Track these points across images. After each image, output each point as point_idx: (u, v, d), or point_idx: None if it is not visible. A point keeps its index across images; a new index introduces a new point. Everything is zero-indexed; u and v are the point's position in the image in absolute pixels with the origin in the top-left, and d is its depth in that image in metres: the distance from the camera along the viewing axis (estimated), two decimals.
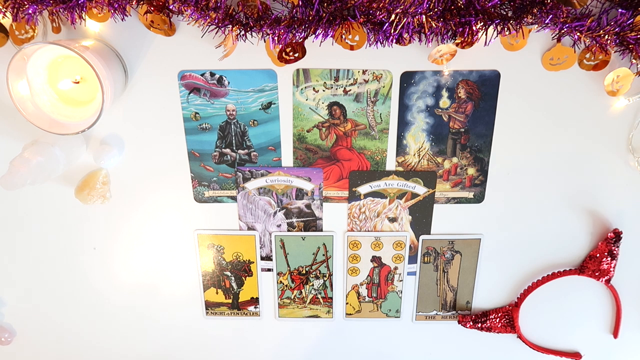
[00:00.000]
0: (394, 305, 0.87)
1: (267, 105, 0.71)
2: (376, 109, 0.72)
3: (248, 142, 0.74)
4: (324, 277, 0.84)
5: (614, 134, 0.72)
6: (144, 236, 0.81)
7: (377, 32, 0.60)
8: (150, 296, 0.86)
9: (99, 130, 0.73)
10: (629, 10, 0.58)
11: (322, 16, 0.59)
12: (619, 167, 0.74)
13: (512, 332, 0.86)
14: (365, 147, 0.74)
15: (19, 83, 0.64)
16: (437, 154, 0.75)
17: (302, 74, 0.69)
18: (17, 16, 0.62)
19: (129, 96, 0.71)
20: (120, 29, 0.67)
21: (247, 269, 0.84)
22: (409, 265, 0.83)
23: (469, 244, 0.81)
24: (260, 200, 0.78)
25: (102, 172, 0.74)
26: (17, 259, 0.84)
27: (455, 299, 0.86)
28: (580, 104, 0.70)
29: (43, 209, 0.79)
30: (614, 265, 0.79)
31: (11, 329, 0.90)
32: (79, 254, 0.83)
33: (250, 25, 0.60)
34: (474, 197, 0.77)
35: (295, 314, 0.88)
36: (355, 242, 0.81)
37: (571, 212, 0.78)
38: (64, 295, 0.87)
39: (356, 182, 0.77)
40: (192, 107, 0.72)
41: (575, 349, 0.90)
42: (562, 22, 0.59)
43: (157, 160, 0.75)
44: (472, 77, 0.69)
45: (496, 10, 0.58)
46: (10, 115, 0.70)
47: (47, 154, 0.67)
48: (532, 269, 0.83)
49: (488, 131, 0.73)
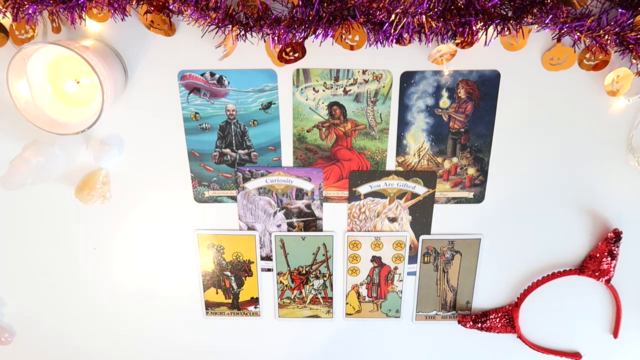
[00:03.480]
0: (394, 305, 0.87)
1: (267, 105, 0.71)
2: (376, 109, 0.72)
3: (248, 142, 0.74)
4: (324, 277, 0.84)
5: (614, 134, 0.72)
6: (143, 236, 0.81)
7: (377, 32, 0.60)
8: (150, 296, 0.86)
9: (99, 130, 0.73)
10: (629, 10, 0.58)
11: (322, 16, 0.59)
12: (619, 167, 0.74)
13: (512, 332, 0.86)
14: (365, 147, 0.74)
15: (19, 83, 0.64)
16: (437, 154, 0.75)
17: (302, 74, 0.69)
18: (17, 16, 0.62)
19: (129, 96, 0.71)
20: (120, 29, 0.66)
21: (247, 269, 0.84)
22: (409, 265, 0.83)
23: (469, 244, 0.81)
24: (260, 200, 0.78)
25: (102, 172, 0.74)
26: (17, 259, 0.84)
27: (455, 299, 0.86)
28: (580, 104, 0.70)
29: (43, 209, 0.79)
30: (614, 265, 0.79)
31: (11, 329, 0.90)
32: (79, 254, 0.83)
33: (250, 25, 0.60)
34: (474, 197, 0.77)
35: (295, 314, 0.88)
36: (355, 242, 0.81)
37: (571, 212, 0.78)
38: (64, 295, 0.87)
39: (356, 182, 0.77)
40: (192, 107, 0.72)
41: (575, 349, 0.90)
42: (562, 22, 0.59)
43: (157, 160, 0.75)
44: (472, 77, 0.69)
45: (496, 10, 0.58)
46: (10, 115, 0.70)
47: (47, 154, 0.67)
48: (532, 269, 0.83)
49: (488, 131, 0.73)
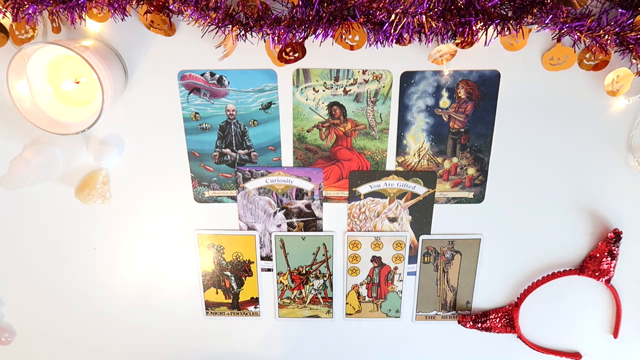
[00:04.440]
0: (394, 305, 0.87)
1: (267, 105, 0.71)
2: (376, 109, 0.72)
3: (248, 142, 0.74)
4: (324, 277, 0.84)
5: (614, 134, 0.72)
6: (144, 236, 0.81)
7: (377, 32, 0.60)
8: (150, 296, 0.86)
9: (99, 130, 0.73)
10: (629, 10, 0.58)
11: (322, 16, 0.59)
12: (619, 167, 0.74)
13: (512, 332, 0.86)
14: (365, 147, 0.74)
15: (19, 83, 0.64)
16: (437, 154, 0.75)
17: (302, 74, 0.69)
18: (17, 16, 0.62)
19: (129, 96, 0.71)
20: (120, 29, 0.66)
21: (247, 269, 0.84)
22: (409, 265, 0.83)
23: (469, 244, 0.81)
24: (260, 200, 0.78)
25: (102, 172, 0.74)
26: (17, 259, 0.84)
27: (455, 299, 0.86)
28: (580, 104, 0.70)
29: (43, 209, 0.79)
30: (614, 265, 0.79)
31: (11, 329, 0.90)
32: (79, 254, 0.83)
33: (250, 25, 0.60)
34: (474, 197, 0.77)
35: (295, 314, 0.88)
36: (355, 242, 0.81)
37: (571, 212, 0.78)
38: (63, 295, 0.87)
39: (356, 182, 0.77)
40: (192, 107, 0.72)
41: (575, 349, 0.90)
42: (562, 22, 0.59)
43: (157, 160, 0.75)
44: (472, 77, 0.69)
45: (496, 10, 0.58)
46: (11, 115, 0.70)
47: (47, 154, 0.67)
48: (532, 269, 0.83)
49: (488, 131, 0.73)
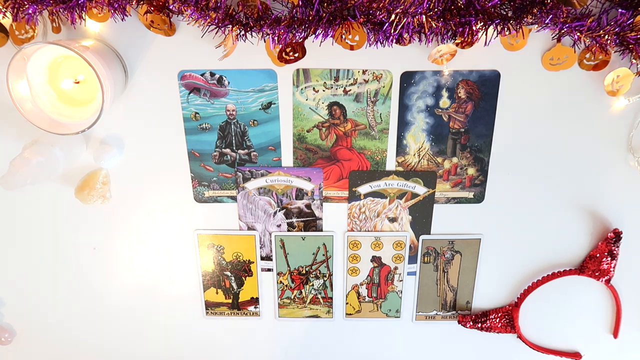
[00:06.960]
0: (394, 305, 0.87)
1: (267, 105, 0.71)
2: (376, 109, 0.72)
3: (248, 142, 0.74)
4: (324, 277, 0.84)
5: (614, 134, 0.72)
6: (144, 236, 0.81)
7: (377, 32, 0.60)
8: (150, 296, 0.86)
9: (99, 130, 0.73)
10: (629, 10, 0.58)
11: (322, 16, 0.59)
12: (619, 167, 0.74)
13: (512, 332, 0.86)
14: (365, 147, 0.74)
15: (19, 83, 0.64)
16: (437, 154, 0.75)
17: (302, 74, 0.69)
18: (17, 16, 0.62)
19: (129, 96, 0.71)
20: (120, 29, 0.66)
21: (247, 269, 0.84)
22: (409, 265, 0.83)
23: (469, 244, 0.81)
24: (260, 200, 0.78)
25: (102, 172, 0.74)
26: (17, 259, 0.84)
27: (455, 299, 0.86)
28: (580, 104, 0.70)
29: (43, 209, 0.79)
30: (614, 265, 0.79)
31: (11, 329, 0.90)
32: (79, 254, 0.83)
33: (250, 25, 0.60)
34: (474, 197, 0.77)
35: (295, 314, 0.88)
36: (355, 242, 0.81)
37: (571, 212, 0.78)
38: (63, 295, 0.87)
39: (356, 182, 0.77)
40: (192, 107, 0.72)
41: (575, 349, 0.90)
42: (562, 22, 0.59)
43: (157, 160, 0.75)
44: (472, 77, 0.69)
45: (496, 10, 0.58)
46: (11, 115, 0.70)
47: (47, 154, 0.67)
48: (532, 269, 0.83)
49: (488, 131, 0.73)
